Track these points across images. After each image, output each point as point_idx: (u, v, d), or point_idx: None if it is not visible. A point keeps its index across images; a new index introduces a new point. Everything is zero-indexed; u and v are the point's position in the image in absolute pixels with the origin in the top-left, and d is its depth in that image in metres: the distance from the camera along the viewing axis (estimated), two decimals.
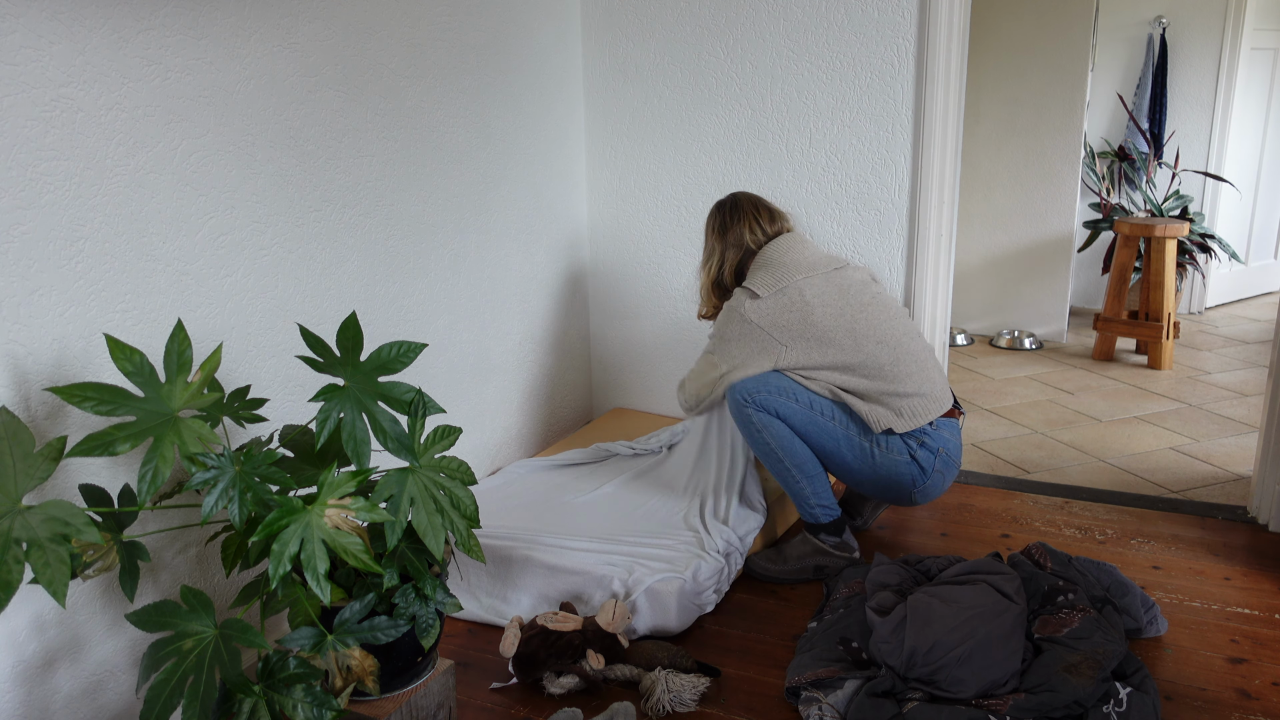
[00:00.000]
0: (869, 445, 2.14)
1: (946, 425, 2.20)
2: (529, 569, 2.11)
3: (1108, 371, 4.07)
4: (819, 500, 2.23)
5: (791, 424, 2.16)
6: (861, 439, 2.14)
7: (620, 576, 2.03)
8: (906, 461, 2.14)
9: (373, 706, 1.57)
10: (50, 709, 1.54)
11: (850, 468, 2.19)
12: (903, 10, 2.56)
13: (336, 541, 1.37)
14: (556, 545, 2.16)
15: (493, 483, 2.57)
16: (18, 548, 1.19)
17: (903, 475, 2.16)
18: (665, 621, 2.00)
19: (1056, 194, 4.45)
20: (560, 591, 2.09)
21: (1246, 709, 1.75)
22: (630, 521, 2.33)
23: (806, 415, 2.14)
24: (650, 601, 2.00)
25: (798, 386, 2.16)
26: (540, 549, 2.14)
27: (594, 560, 2.10)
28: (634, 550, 2.15)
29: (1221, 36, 4.80)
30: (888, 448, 2.14)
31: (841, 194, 2.76)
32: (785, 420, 2.15)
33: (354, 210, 2.09)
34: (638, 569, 2.05)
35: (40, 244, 1.45)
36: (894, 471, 2.15)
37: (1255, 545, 2.39)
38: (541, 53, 2.77)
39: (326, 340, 1.55)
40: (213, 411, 1.47)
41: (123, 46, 1.55)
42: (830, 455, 2.18)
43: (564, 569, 2.08)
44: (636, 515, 2.37)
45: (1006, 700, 1.66)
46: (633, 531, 2.27)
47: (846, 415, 2.15)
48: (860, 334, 2.14)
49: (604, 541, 2.20)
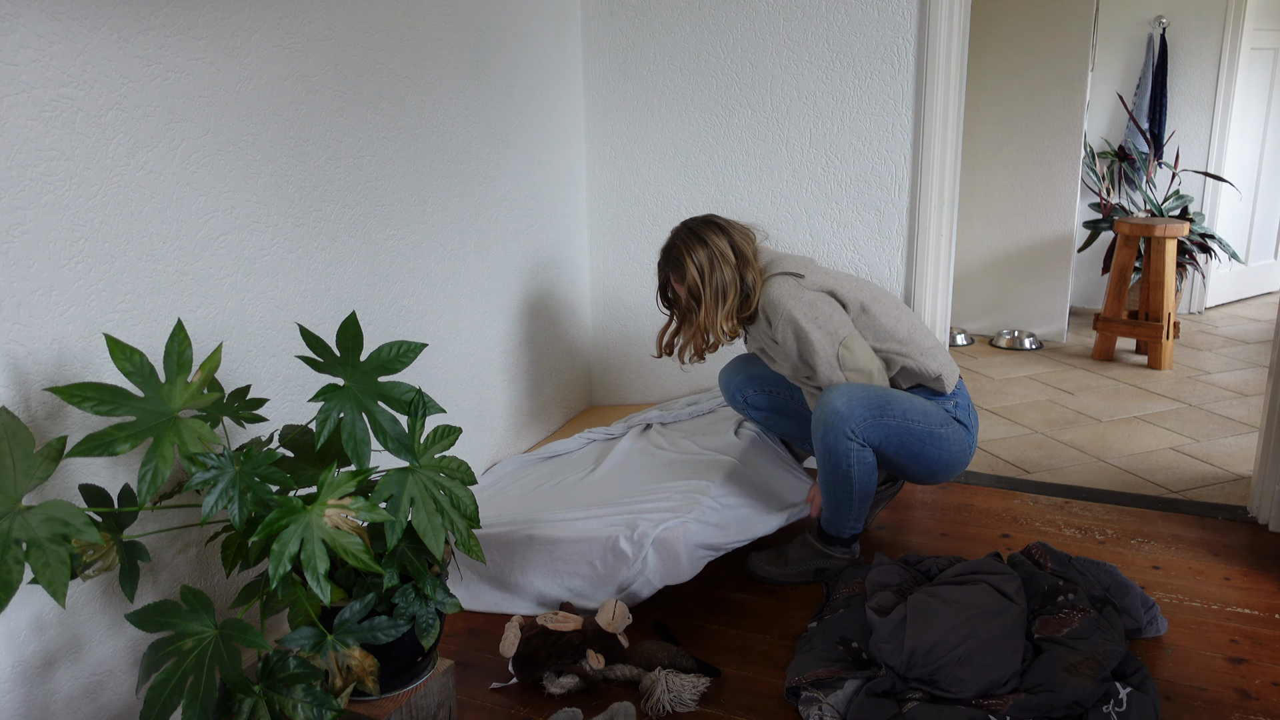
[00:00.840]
0: (940, 429, 2.14)
1: (959, 390, 2.24)
2: (532, 549, 2.11)
3: (1108, 371, 4.07)
4: (855, 520, 2.21)
5: (883, 450, 2.10)
6: (938, 428, 2.13)
7: (624, 534, 2.04)
8: (960, 433, 2.17)
9: (373, 706, 1.57)
10: (50, 709, 1.54)
11: (932, 464, 2.17)
12: (903, 10, 2.56)
13: (336, 541, 1.37)
14: (556, 520, 2.16)
15: (484, 481, 2.58)
16: (18, 548, 1.19)
17: (963, 450, 2.18)
18: (676, 572, 2.01)
19: (1056, 194, 4.45)
20: (568, 565, 2.08)
21: (1246, 709, 1.75)
22: (625, 487, 2.34)
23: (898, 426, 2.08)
24: (660, 554, 2.00)
25: (898, 396, 2.11)
26: (540, 526, 2.14)
27: (595, 525, 2.10)
28: (633, 507, 2.16)
29: (1221, 36, 4.80)
30: (947, 425, 2.15)
31: (841, 194, 2.76)
32: (878, 447, 2.09)
33: (354, 210, 2.09)
34: (641, 523, 2.05)
35: (40, 244, 1.45)
36: (957, 446, 2.17)
37: (1255, 545, 2.39)
38: (541, 53, 2.77)
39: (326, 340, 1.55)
40: (213, 411, 1.47)
41: (123, 46, 1.55)
42: (920, 460, 2.15)
43: (566, 539, 2.08)
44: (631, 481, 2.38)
45: (1006, 700, 1.66)
46: (628, 494, 2.28)
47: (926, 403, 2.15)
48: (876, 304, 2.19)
49: (601, 507, 2.20)
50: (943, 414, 2.15)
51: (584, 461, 2.60)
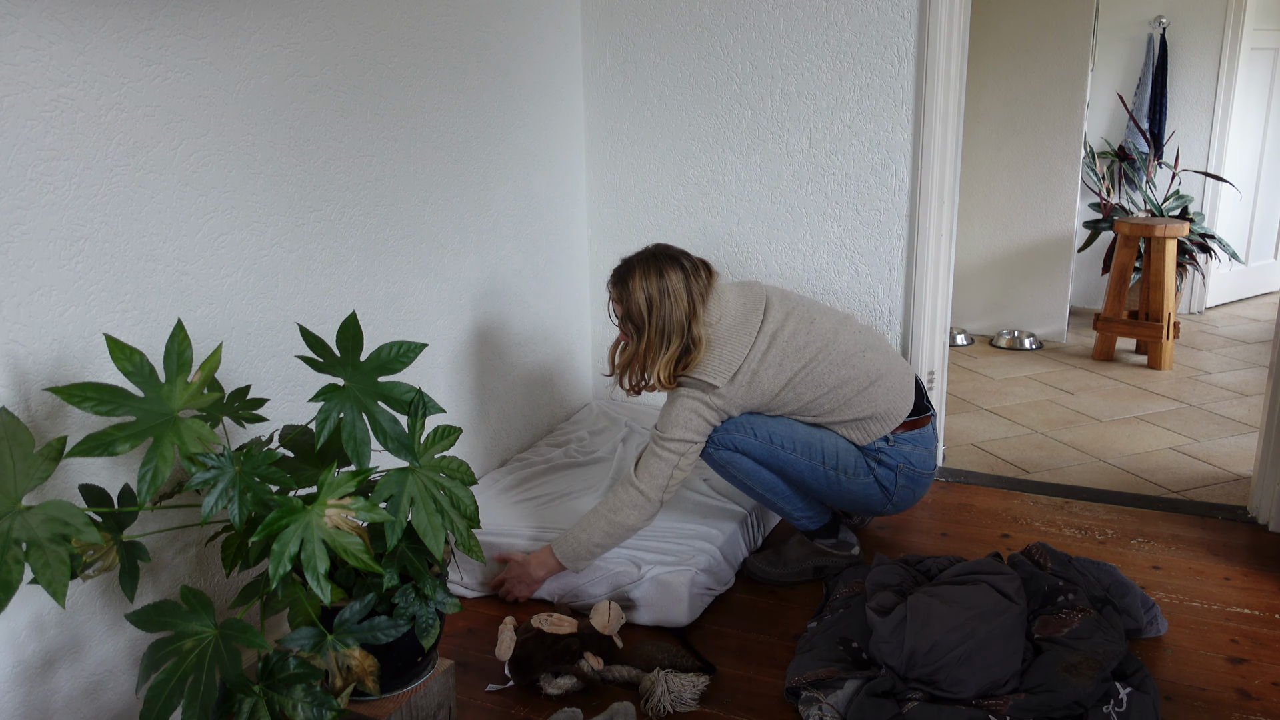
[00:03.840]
0: (833, 472, 2.11)
1: (906, 439, 2.13)
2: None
3: (1108, 371, 4.07)
4: (802, 513, 2.22)
5: (752, 456, 2.10)
6: (823, 467, 2.10)
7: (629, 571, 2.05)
8: (870, 483, 2.12)
9: (373, 706, 1.57)
10: (50, 709, 1.54)
11: (819, 493, 2.17)
12: (903, 10, 2.56)
13: (336, 541, 1.37)
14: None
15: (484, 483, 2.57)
16: (17, 548, 1.19)
17: (871, 496, 2.15)
18: (675, 613, 2.01)
19: (1056, 194, 4.45)
20: (565, 586, 2.09)
21: (1246, 709, 1.75)
22: None
23: (766, 449, 2.09)
24: (660, 592, 2.00)
25: (755, 419, 2.10)
26: (543, 544, 2.14)
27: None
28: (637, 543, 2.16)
29: (1221, 36, 4.80)
30: (853, 471, 2.11)
31: (841, 194, 2.76)
32: (746, 453, 2.10)
33: (354, 210, 2.09)
34: (645, 566, 2.06)
35: (40, 244, 1.45)
36: (862, 493, 2.14)
37: (1255, 545, 2.39)
38: (541, 52, 2.77)
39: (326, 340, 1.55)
40: (213, 411, 1.47)
41: (123, 46, 1.55)
42: (795, 484, 2.15)
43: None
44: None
45: (1006, 700, 1.66)
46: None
47: (809, 441, 2.10)
48: (800, 382, 2.07)
49: None
50: (850, 459, 2.10)
51: (590, 476, 2.59)
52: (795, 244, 2.85)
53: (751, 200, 2.88)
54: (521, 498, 2.46)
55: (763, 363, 2.04)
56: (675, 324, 2.00)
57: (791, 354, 2.06)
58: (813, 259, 2.84)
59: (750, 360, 2.04)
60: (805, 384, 2.07)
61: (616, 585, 2.05)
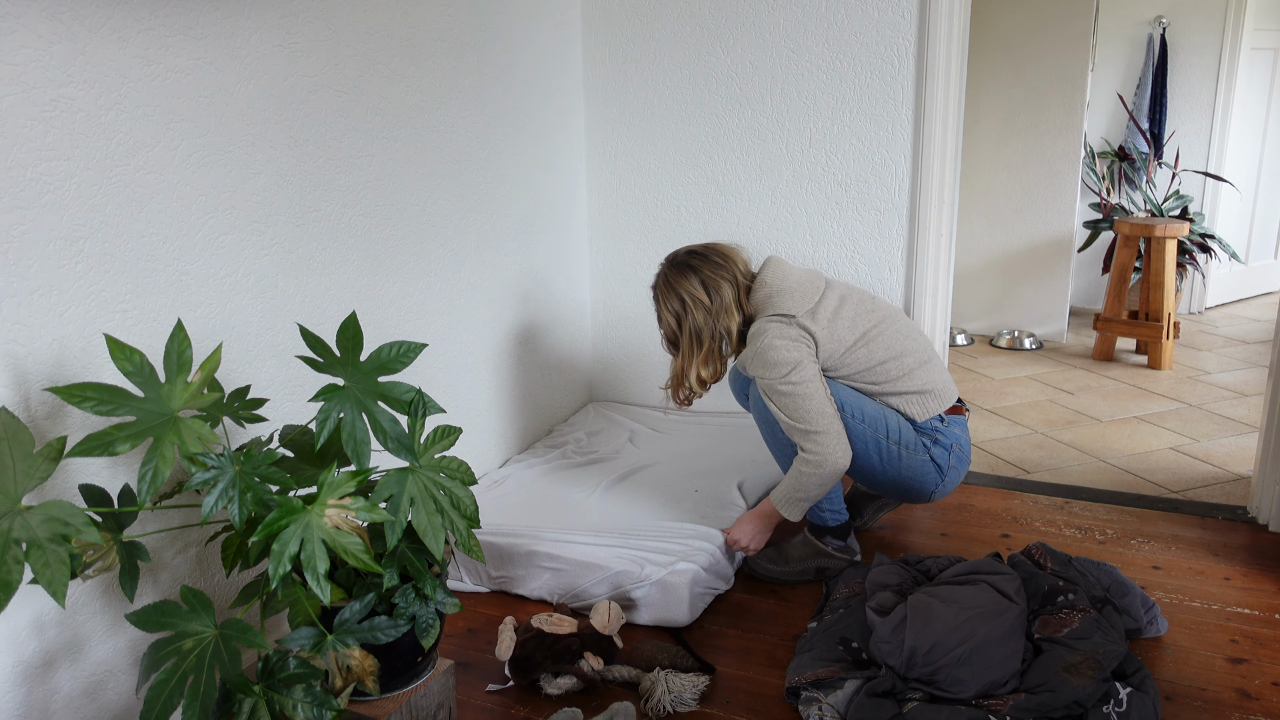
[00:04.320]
0: (895, 446, 2.13)
1: (956, 421, 2.20)
2: (533, 564, 2.12)
3: (1108, 371, 4.07)
4: (829, 504, 2.23)
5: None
6: (886, 440, 2.13)
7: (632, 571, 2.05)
8: (926, 460, 2.15)
9: (373, 706, 1.57)
10: (50, 709, 1.54)
11: (874, 469, 2.17)
12: (903, 10, 2.56)
13: (336, 541, 1.37)
14: (561, 540, 2.16)
15: (485, 484, 2.57)
16: (17, 548, 1.19)
17: (926, 475, 2.17)
18: (676, 613, 2.01)
19: (1056, 194, 4.45)
20: (566, 585, 2.09)
21: (1246, 709, 1.75)
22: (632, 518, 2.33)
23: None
24: (661, 591, 2.01)
25: (830, 384, 2.13)
26: (544, 543, 2.14)
27: (603, 554, 2.11)
28: (639, 543, 2.16)
29: (1221, 36, 4.80)
30: (913, 448, 2.14)
31: (841, 194, 2.76)
32: None
33: (354, 210, 2.09)
34: (648, 566, 2.06)
35: (40, 244, 1.45)
36: (918, 470, 2.16)
37: (1255, 545, 2.39)
38: (541, 53, 2.77)
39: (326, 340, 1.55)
40: (213, 411, 1.47)
41: (123, 46, 1.55)
42: (857, 457, 2.15)
43: (572, 560, 2.09)
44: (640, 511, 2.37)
45: (1006, 700, 1.66)
46: (636, 526, 2.28)
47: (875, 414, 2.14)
48: (872, 340, 2.14)
49: (609, 535, 2.21)
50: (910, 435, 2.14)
51: (592, 477, 2.59)
52: (795, 244, 2.85)
53: (751, 200, 2.88)
54: (521, 498, 2.46)
55: (838, 313, 2.13)
56: (701, 325, 2.13)
57: (863, 314, 2.16)
58: (813, 259, 2.84)
59: (825, 305, 2.12)
60: (877, 343, 2.14)
61: (617, 585, 2.05)
